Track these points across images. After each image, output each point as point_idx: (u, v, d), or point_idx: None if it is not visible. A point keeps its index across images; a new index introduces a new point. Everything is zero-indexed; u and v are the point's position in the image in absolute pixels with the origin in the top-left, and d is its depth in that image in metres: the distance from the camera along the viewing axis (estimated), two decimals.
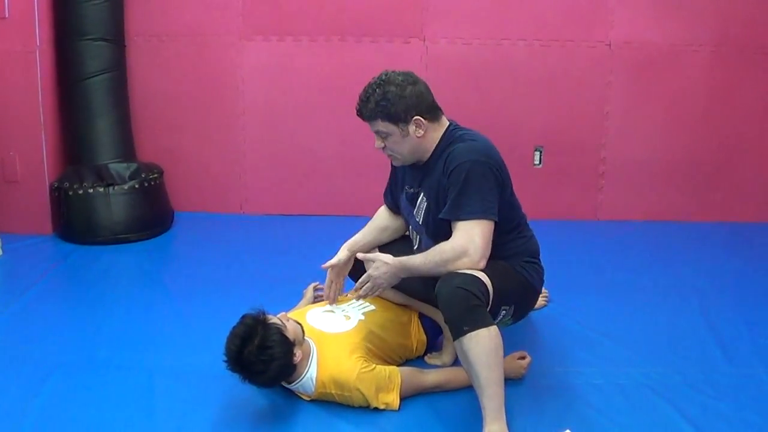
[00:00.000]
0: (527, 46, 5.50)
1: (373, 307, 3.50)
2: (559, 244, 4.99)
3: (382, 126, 3.16)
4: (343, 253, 3.50)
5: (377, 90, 3.14)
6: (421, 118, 3.16)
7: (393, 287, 3.31)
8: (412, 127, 3.16)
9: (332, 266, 3.49)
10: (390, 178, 3.61)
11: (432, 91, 3.24)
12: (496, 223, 3.09)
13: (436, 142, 3.23)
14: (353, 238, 3.55)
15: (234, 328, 3.04)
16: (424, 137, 3.19)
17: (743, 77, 5.53)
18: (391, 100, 3.12)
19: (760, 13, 5.40)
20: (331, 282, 3.51)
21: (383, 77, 3.18)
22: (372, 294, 3.28)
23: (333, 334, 3.30)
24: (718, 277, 4.69)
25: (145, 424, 3.09)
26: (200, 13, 5.52)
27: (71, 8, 5.15)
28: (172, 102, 5.67)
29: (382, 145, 3.23)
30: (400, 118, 3.14)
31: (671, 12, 5.42)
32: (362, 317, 3.42)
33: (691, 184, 5.72)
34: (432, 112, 3.21)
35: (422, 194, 3.28)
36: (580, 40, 5.49)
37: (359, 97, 3.20)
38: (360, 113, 3.21)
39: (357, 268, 3.51)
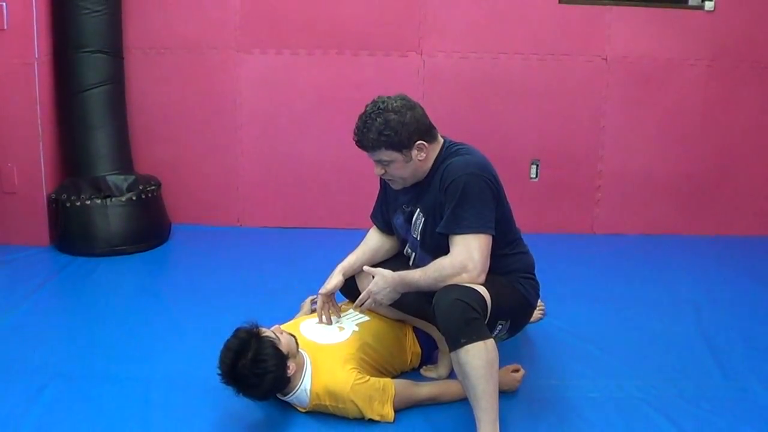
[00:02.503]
0: (524, 59, 5.52)
1: (367, 318, 3.51)
2: (555, 258, 5.01)
3: (386, 155, 3.13)
4: (337, 279, 3.49)
5: (377, 119, 3.09)
6: (424, 142, 3.15)
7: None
8: (414, 152, 3.14)
9: (329, 293, 3.49)
10: (378, 200, 3.61)
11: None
12: (492, 238, 3.10)
13: (433, 161, 3.23)
14: (346, 261, 3.53)
15: (227, 341, 3.05)
16: (425, 159, 3.19)
17: (739, 91, 5.55)
18: (395, 128, 3.08)
19: (755, 27, 5.43)
20: (324, 304, 3.49)
21: (380, 105, 3.13)
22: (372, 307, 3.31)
23: (327, 345, 3.31)
24: (714, 291, 4.70)
25: None
26: (198, 26, 5.53)
27: (70, 20, 5.16)
28: (169, 114, 5.68)
29: (383, 171, 3.20)
30: (403, 145, 3.11)
31: (667, 26, 5.44)
32: (356, 328, 3.42)
33: (687, 197, 5.73)
34: (430, 133, 3.20)
35: (419, 211, 3.28)
36: (577, 54, 5.51)
37: (357, 128, 3.15)
38: (361, 144, 3.15)
39: (349, 287, 3.52)
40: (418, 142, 3.13)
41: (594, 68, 5.52)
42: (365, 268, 3.35)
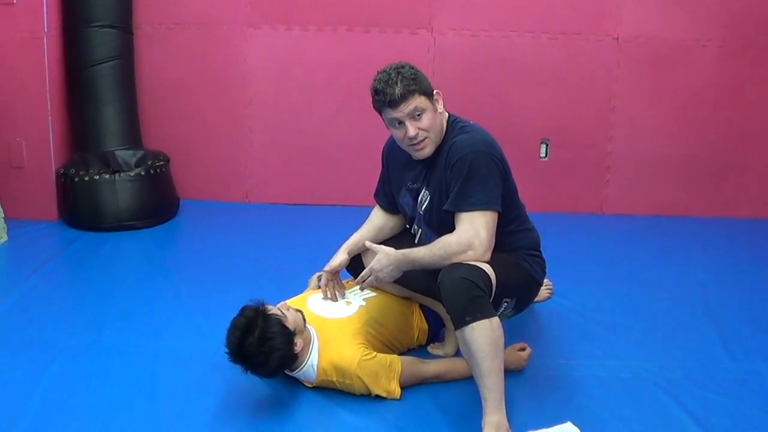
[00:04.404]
0: (535, 38, 5.49)
1: (374, 294, 3.51)
2: (564, 238, 5.01)
3: (419, 101, 3.08)
4: (342, 257, 3.49)
5: (401, 70, 3.10)
6: (439, 92, 3.19)
7: (394, 281, 3.30)
8: (436, 102, 3.17)
9: (334, 270, 3.49)
10: (381, 180, 3.61)
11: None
12: (498, 214, 3.10)
13: (444, 131, 3.22)
14: (351, 239, 3.53)
15: (234, 320, 3.05)
16: (441, 115, 3.20)
17: (751, 73, 5.51)
18: (419, 75, 3.12)
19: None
20: (328, 281, 3.50)
21: (392, 65, 3.14)
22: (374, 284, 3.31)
23: (334, 319, 3.32)
24: (722, 273, 4.68)
25: (147, 409, 3.11)
26: (208, 2, 5.52)
27: None
28: (179, 90, 5.67)
29: (415, 132, 3.10)
30: (430, 91, 3.14)
31: (680, 7, 5.40)
32: (363, 303, 3.43)
33: (697, 179, 5.71)
34: None
35: (425, 188, 3.28)
36: (588, 34, 5.48)
37: (381, 87, 3.08)
38: (392, 95, 3.05)
39: (354, 264, 3.53)
40: (436, 90, 3.17)
41: (605, 48, 5.49)
42: (367, 243, 3.34)
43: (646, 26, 5.45)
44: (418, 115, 3.10)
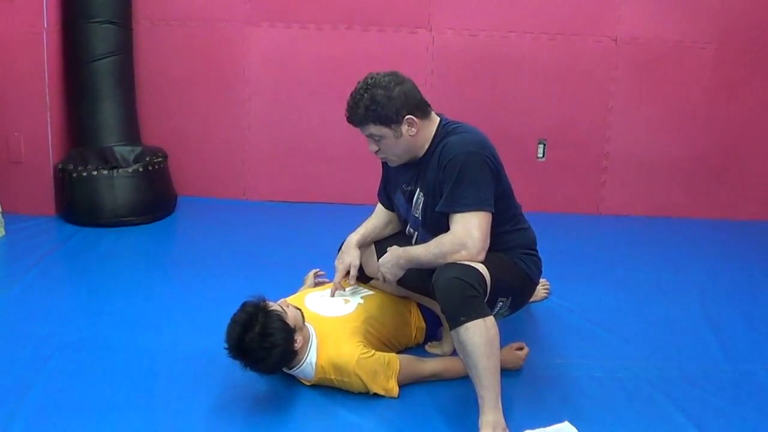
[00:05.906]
0: (533, 39, 5.49)
1: (371, 292, 3.52)
2: (560, 238, 5.02)
3: (375, 129, 3.13)
4: (355, 252, 3.49)
5: (365, 95, 3.11)
6: (413, 117, 3.14)
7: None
8: (404, 127, 3.13)
9: (356, 265, 3.49)
10: (382, 180, 3.62)
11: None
12: (492, 215, 3.10)
13: (430, 139, 3.21)
14: (360, 235, 3.54)
15: (234, 315, 3.05)
16: (417, 135, 3.18)
17: (748, 75, 5.52)
18: (381, 103, 3.09)
19: (766, 11, 5.40)
20: (346, 277, 3.50)
21: (369, 81, 3.15)
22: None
23: (332, 317, 3.32)
24: (719, 274, 4.69)
25: (145, 405, 3.11)
26: None
27: None
28: (178, 86, 5.67)
29: (376, 148, 3.20)
30: (391, 119, 3.11)
31: (678, 9, 5.42)
32: (361, 301, 3.44)
33: (694, 180, 5.72)
34: (422, 108, 3.19)
35: (419, 190, 3.28)
36: (587, 35, 5.48)
37: (348, 104, 3.16)
38: (350, 120, 3.17)
39: None
40: (408, 116, 3.13)
41: (603, 49, 5.50)
42: None
43: (644, 27, 5.46)
44: (377, 139, 3.16)
